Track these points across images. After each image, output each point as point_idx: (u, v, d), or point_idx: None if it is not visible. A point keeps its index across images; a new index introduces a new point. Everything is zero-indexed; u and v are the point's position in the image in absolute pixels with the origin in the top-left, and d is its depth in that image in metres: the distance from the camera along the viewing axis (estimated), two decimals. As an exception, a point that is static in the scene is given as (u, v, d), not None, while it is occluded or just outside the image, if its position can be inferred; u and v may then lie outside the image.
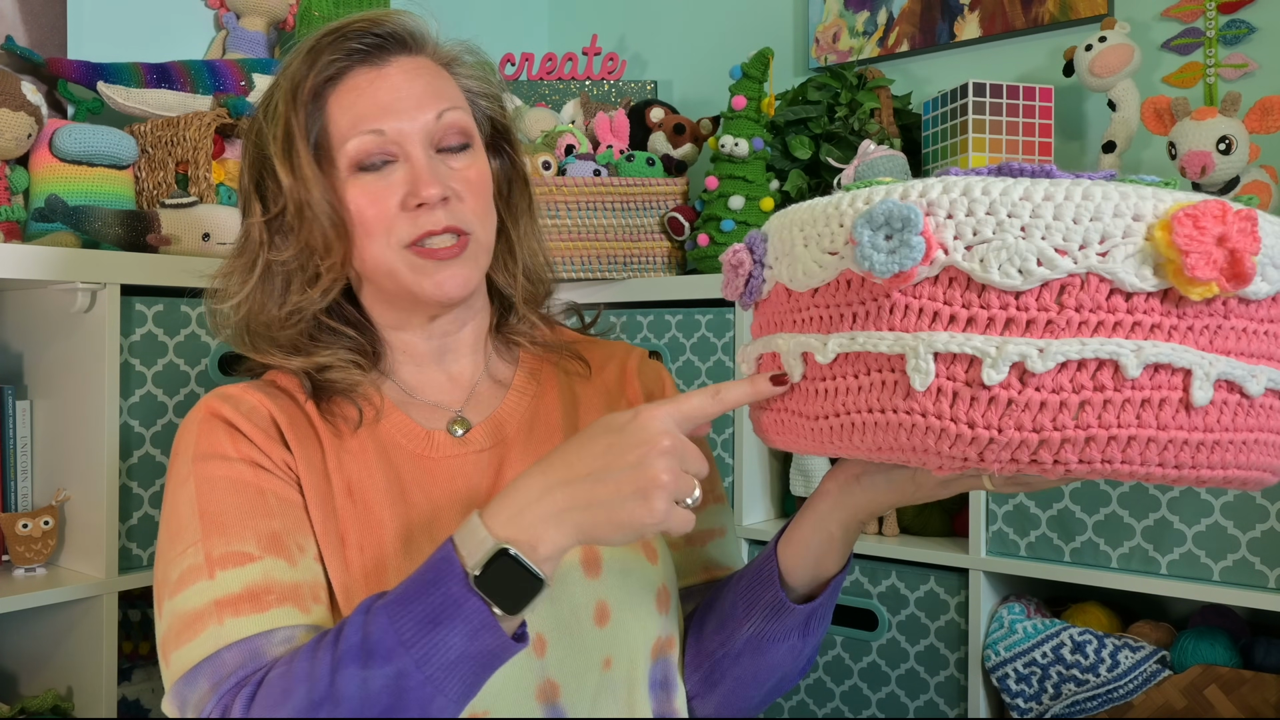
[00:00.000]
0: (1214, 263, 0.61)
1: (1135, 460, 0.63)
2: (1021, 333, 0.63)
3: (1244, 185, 1.44)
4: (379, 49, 0.93)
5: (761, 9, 2.20)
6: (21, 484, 1.50)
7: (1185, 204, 0.61)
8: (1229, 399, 0.64)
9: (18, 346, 1.57)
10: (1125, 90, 1.62)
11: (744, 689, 0.98)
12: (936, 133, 1.71)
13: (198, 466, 0.87)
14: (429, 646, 0.74)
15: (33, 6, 1.69)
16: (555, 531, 0.75)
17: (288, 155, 0.91)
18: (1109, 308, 0.62)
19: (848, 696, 1.67)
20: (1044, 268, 0.62)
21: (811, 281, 0.72)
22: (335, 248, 0.92)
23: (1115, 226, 0.62)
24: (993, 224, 0.63)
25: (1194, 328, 0.63)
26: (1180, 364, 0.62)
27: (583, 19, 2.48)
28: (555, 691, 0.88)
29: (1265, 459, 0.67)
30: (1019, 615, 1.51)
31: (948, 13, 1.93)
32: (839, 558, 0.92)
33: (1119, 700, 1.41)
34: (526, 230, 1.04)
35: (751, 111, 1.81)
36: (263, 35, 1.89)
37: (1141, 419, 0.62)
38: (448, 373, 1.00)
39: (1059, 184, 0.63)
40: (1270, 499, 1.33)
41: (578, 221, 1.88)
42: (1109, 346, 0.62)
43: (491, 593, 0.74)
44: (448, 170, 0.92)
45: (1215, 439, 0.64)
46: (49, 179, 1.52)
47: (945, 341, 0.64)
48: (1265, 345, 0.66)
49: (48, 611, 1.45)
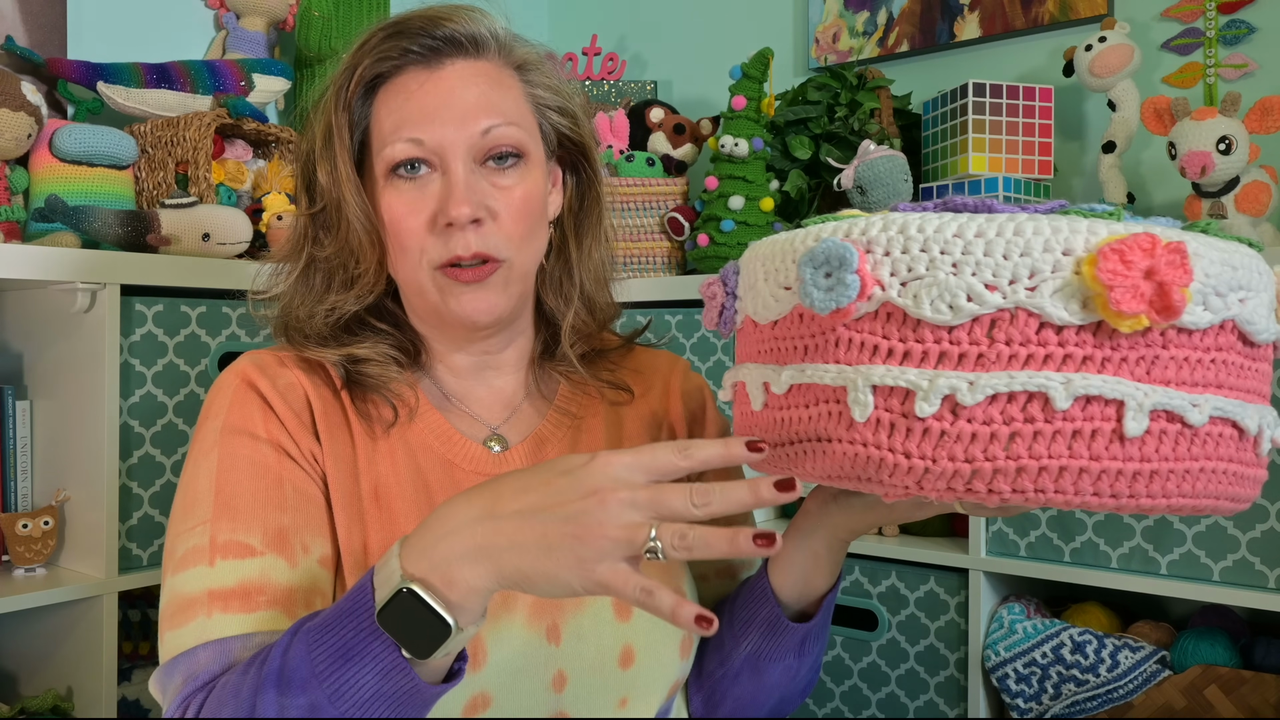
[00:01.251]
0: (1141, 296, 0.61)
1: (1069, 490, 0.64)
2: (954, 366, 0.65)
3: (1244, 185, 1.44)
4: (434, 50, 0.88)
5: (761, 9, 2.20)
6: (21, 484, 1.50)
7: (1115, 237, 0.62)
8: (1168, 429, 0.64)
9: (18, 346, 1.57)
10: (1125, 90, 1.62)
11: (744, 711, 0.97)
12: (936, 133, 1.71)
13: (224, 439, 0.85)
14: (341, 682, 0.69)
15: (33, 6, 1.69)
16: (470, 571, 0.68)
17: (327, 153, 0.89)
18: (1039, 341, 0.64)
19: (848, 696, 1.67)
20: (973, 303, 0.64)
21: (770, 315, 0.75)
22: (368, 253, 0.89)
23: (1044, 261, 0.63)
24: (926, 261, 0.65)
25: (1128, 359, 0.64)
26: (1112, 395, 0.63)
27: (583, 19, 2.48)
28: None
29: (1217, 487, 0.67)
30: (1019, 615, 1.51)
31: (948, 13, 1.93)
32: (827, 574, 0.91)
33: (1119, 700, 1.41)
34: (590, 251, 0.97)
35: (751, 111, 1.81)
36: (263, 35, 1.89)
37: (1073, 450, 0.63)
38: (489, 386, 0.96)
39: (994, 220, 0.65)
40: (1270, 499, 1.33)
41: (578, 221, 1.88)
42: (1037, 379, 0.63)
43: (396, 633, 0.68)
44: (488, 187, 0.87)
45: (1153, 469, 0.64)
46: (49, 179, 1.52)
47: (882, 374, 0.66)
48: (1212, 373, 0.66)
49: (48, 611, 1.45)
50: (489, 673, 0.84)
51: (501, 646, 0.85)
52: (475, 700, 0.84)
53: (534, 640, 0.86)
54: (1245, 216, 1.44)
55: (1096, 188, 1.68)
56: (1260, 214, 1.44)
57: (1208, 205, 1.46)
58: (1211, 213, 1.45)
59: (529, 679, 0.86)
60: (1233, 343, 0.67)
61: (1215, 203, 1.45)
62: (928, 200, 0.72)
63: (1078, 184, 1.81)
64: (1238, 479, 0.69)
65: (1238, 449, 0.68)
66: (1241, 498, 0.70)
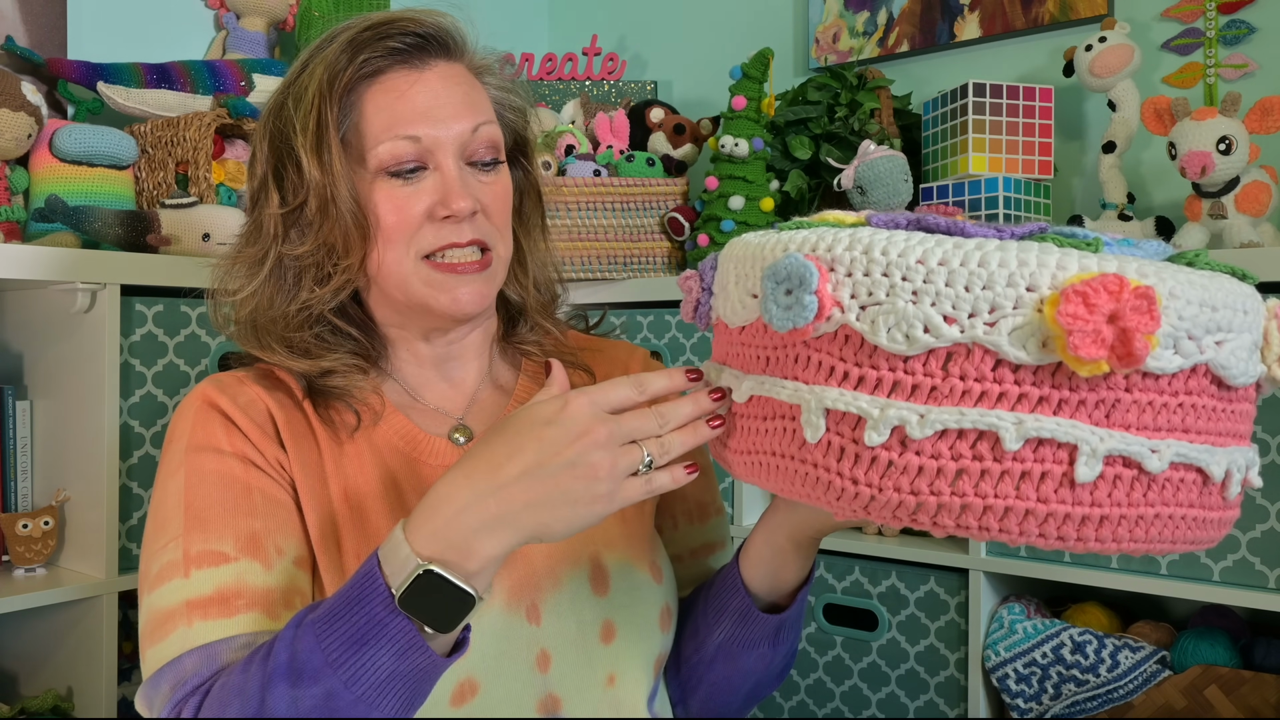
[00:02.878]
0: (1102, 341, 0.58)
1: (1014, 530, 0.62)
2: (906, 397, 0.63)
3: (1244, 185, 1.44)
4: (420, 50, 0.90)
5: (761, 9, 2.20)
6: (21, 484, 1.50)
7: (1082, 276, 0.59)
8: (1123, 474, 0.62)
9: (18, 346, 1.57)
10: (1125, 90, 1.62)
11: (720, 694, 0.99)
12: (936, 133, 1.71)
13: (189, 458, 0.87)
14: (357, 667, 0.72)
15: (33, 6, 1.69)
16: (488, 541, 0.72)
17: (318, 148, 0.88)
18: (995, 378, 0.62)
19: (848, 696, 1.67)
20: (929, 335, 0.62)
21: (738, 320, 0.75)
22: (355, 248, 0.89)
23: (1005, 297, 0.61)
24: (887, 286, 0.63)
25: (1086, 402, 0.61)
26: (1065, 439, 0.61)
27: (583, 19, 2.48)
28: (557, 705, 0.88)
29: (1174, 533, 0.65)
30: (1019, 615, 1.51)
31: (948, 13, 1.93)
32: (796, 569, 0.92)
33: (1119, 700, 1.41)
34: (537, 242, 1.03)
35: (751, 112, 1.81)
36: (263, 35, 1.89)
37: (1021, 491, 0.61)
38: (449, 379, 0.98)
39: (961, 248, 0.62)
40: (1270, 499, 1.33)
41: (578, 221, 1.88)
42: (989, 418, 0.61)
43: (418, 613, 0.72)
44: (477, 184, 0.91)
45: (1104, 514, 0.62)
46: (49, 179, 1.52)
47: (835, 398, 0.65)
48: (1179, 418, 0.64)
49: (48, 611, 1.45)
50: (473, 658, 0.85)
51: (483, 631, 0.85)
52: (462, 687, 0.84)
53: (514, 622, 0.87)
54: (1245, 216, 1.44)
55: (1096, 188, 1.68)
56: (1260, 214, 1.44)
57: (1208, 205, 1.46)
58: (1211, 213, 1.45)
59: (513, 661, 0.86)
60: (1205, 386, 0.64)
61: (1215, 203, 1.45)
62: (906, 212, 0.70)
63: (1078, 184, 1.81)
64: (1198, 524, 0.66)
65: (1200, 494, 0.65)
66: (1202, 540, 0.68)
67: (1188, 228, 1.47)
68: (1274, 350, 0.67)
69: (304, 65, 0.91)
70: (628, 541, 0.95)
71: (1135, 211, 1.62)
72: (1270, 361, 0.68)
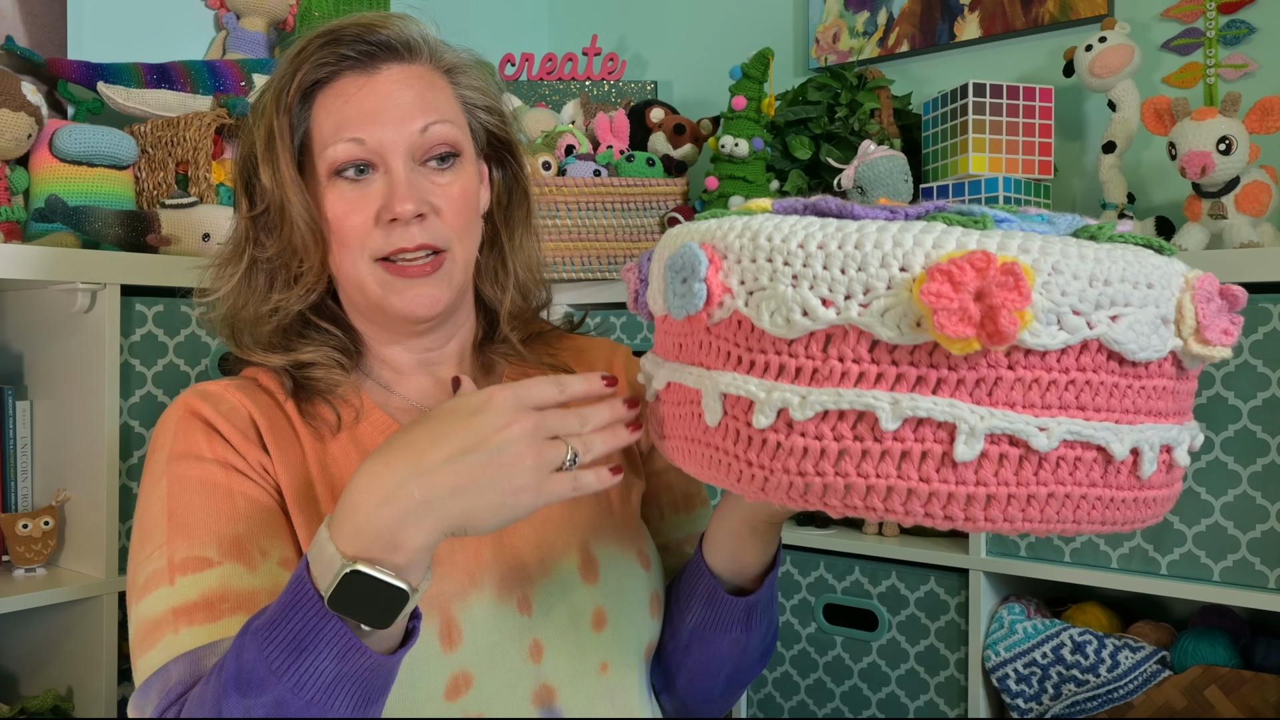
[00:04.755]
0: (969, 319, 0.58)
1: (898, 510, 0.63)
2: (791, 379, 0.64)
3: (1244, 185, 1.44)
4: (370, 56, 0.92)
5: (761, 9, 2.20)
6: (21, 484, 1.50)
7: (952, 255, 0.59)
8: (1010, 453, 0.62)
9: (18, 346, 1.57)
10: (1125, 90, 1.62)
11: (699, 680, 0.99)
12: (936, 133, 1.71)
13: (172, 466, 0.87)
14: (300, 673, 0.71)
15: (33, 6, 1.69)
16: (413, 531, 0.71)
17: (269, 156, 0.91)
18: (873, 359, 0.62)
19: (848, 697, 1.67)
20: (807, 318, 0.63)
21: (659, 309, 0.76)
22: (312, 251, 0.92)
23: (879, 278, 0.61)
24: (770, 271, 0.65)
25: (966, 381, 0.61)
26: (943, 418, 0.61)
27: (583, 19, 2.48)
28: (552, 695, 0.88)
29: (1078, 513, 0.64)
30: (1019, 615, 1.51)
31: (948, 13, 1.93)
32: (757, 553, 0.92)
33: (1119, 700, 1.41)
34: (521, 242, 1.02)
35: (751, 112, 1.81)
36: (263, 35, 1.89)
37: (902, 471, 0.62)
38: (434, 376, 0.99)
39: (843, 229, 0.63)
40: (1270, 499, 1.33)
41: (578, 221, 1.88)
42: (865, 398, 0.62)
43: (351, 613, 0.71)
44: (429, 184, 0.91)
45: (990, 493, 0.62)
46: (49, 179, 1.52)
47: (729, 382, 0.67)
48: (1070, 396, 0.62)
49: (48, 611, 1.45)
50: (466, 651, 0.85)
51: (475, 624, 0.86)
52: (456, 680, 0.85)
53: (506, 613, 0.88)
54: (1245, 216, 1.44)
55: (1097, 188, 1.68)
56: (1260, 214, 1.44)
57: (1208, 205, 1.46)
58: (1212, 213, 1.45)
59: (506, 653, 0.87)
60: (1101, 363, 0.63)
61: (1215, 203, 1.45)
62: (803, 198, 0.71)
63: (1078, 184, 1.81)
64: (1108, 504, 0.65)
65: (1106, 474, 0.64)
66: (1121, 521, 0.66)
67: (1188, 228, 1.47)
68: (1188, 323, 0.65)
69: (268, 80, 0.95)
70: (615, 530, 0.96)
71: (1135, 211, 1.62)
72: (1186, 335, 0.65)
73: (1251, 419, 1.34)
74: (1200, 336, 0.65)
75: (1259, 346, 1.33)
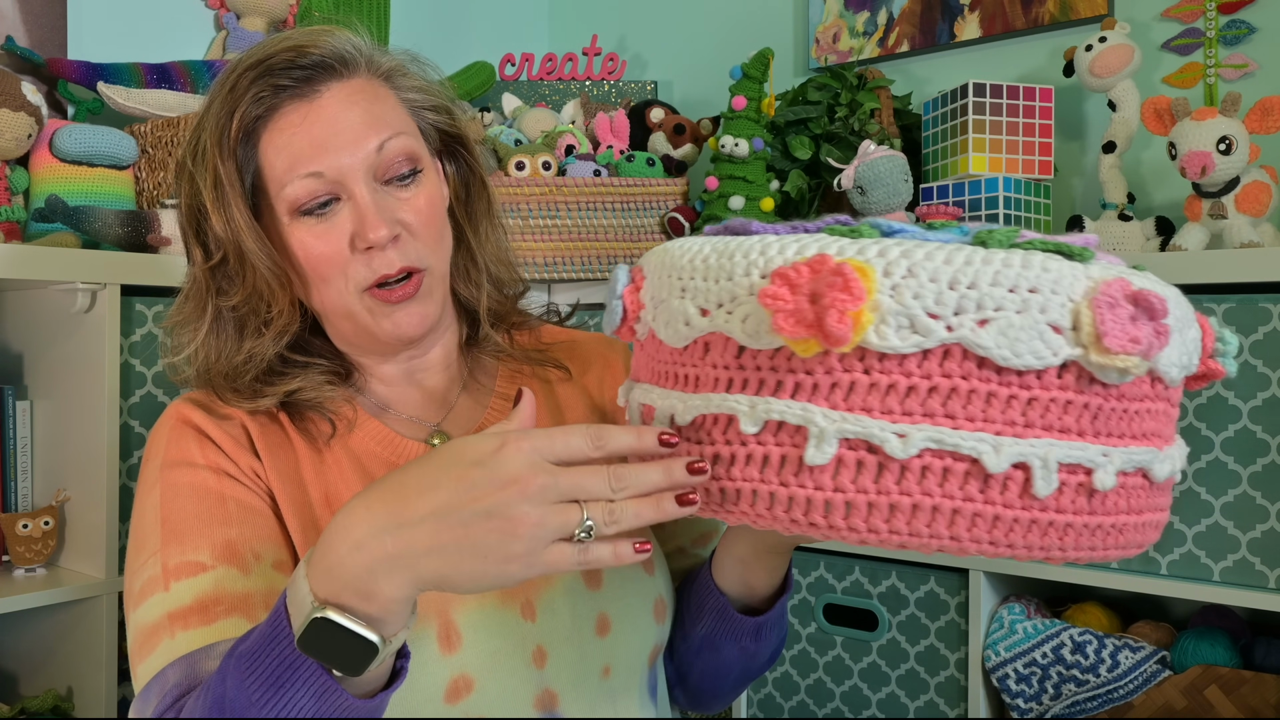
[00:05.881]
0: (804, 320, 0.58)
1: (766, 516, 0.63)
2: (681, 388, 0.68)
3: (1244, 185, 1.44)
4: (307, 80, 0.87)
5: (761, 9, 2.20)
6: (21, 484, 1.50)
7: (795, 260, 0.61)
8: (867, 459, 0.60)
9: (18, 346, 1.57)
10: (1125, 90, 1.62)
11: (710, 680, 1.01)
12: (936, 133, 1.71)
13: (164, 474, 0.87)
14: (280, 709, 0.68)
15: (33, 6, 1.69)
16: (386, 582, 0.65)
17: (220, 203, 0.86)
18: (739, 364, 0.64)
19: (848, 697, 1.67)
20: (689, 327, 0.66)
21: None
22: (279, 295, 0.89)
23: (741, 286, 0.63)
24: (668, 287, 0.68)
25: (820, 385, 0.61)
26: (794, 421, 0.61)
27: (583, 19, 2.48)
28: (554, 700, 0.88)
29: (946, 529, 0.60)
30: (1019, 615, 1.51)
31: (948, 13, 1.93)
32: (765, 578, 0.92)
33: (1119, 700, 1.41)
34: (487, 235, 0.99)
35: (751, 112, 1.81)
36: (263, 35, 1.89)
37: (764, 475, 0.63)
38: (422, 387, 0.98)
39: (728, 243, 0.66)
40: (1270, 499, 1.33)
41: (578, 221, 1.88)
42: (729, 402, 0.64)
43: (321, 657, 0.67)
44: (395, 201, 0.88)
45: (847, 499, 0.60)
46: (49, 179, 1.52)
47: (643, 393, 0.72)
48: (936, 403, 0.59)
49: (48, 611, 1.45)
50: (467, 655, 0.85)
51: (477, 629, 0.86)
52: (456, 683, 0.84)
53: (509, 619, 0.87)
54: (1245, 217, 1.44)
55: (1097, 188, 1.68)
56: (1260, 214, 1.44)
57: (1208, 205, 1.46)
58: (1212, 213, 1.45)
59: (509, 658, 0.87)
60: (971, 370, 0.59)
61: (1215, 203, 1.45)
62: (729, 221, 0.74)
63: (1078, 184, 1.81)
64: (1009, 525, 0.60)
65: (986, 488, 0.60)
66: (1018, 545, 0.62)
67: (1188, 228, 1.47)
68: (1085, 331, 0.59)
69: (199, 122, 0.89)
70: None
71: (1135, 211, 1.62)
72: (1086, 343, 0.60)
73: (1251, 419, 1.34)
74: (1100, 345, 0.59)
75: (1259, 346, 1.33)
